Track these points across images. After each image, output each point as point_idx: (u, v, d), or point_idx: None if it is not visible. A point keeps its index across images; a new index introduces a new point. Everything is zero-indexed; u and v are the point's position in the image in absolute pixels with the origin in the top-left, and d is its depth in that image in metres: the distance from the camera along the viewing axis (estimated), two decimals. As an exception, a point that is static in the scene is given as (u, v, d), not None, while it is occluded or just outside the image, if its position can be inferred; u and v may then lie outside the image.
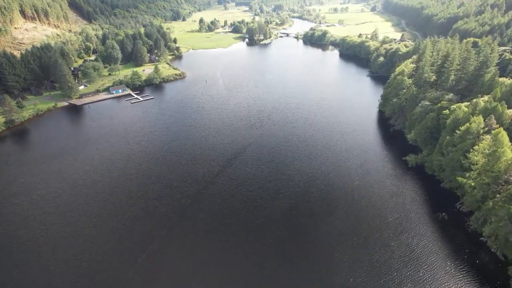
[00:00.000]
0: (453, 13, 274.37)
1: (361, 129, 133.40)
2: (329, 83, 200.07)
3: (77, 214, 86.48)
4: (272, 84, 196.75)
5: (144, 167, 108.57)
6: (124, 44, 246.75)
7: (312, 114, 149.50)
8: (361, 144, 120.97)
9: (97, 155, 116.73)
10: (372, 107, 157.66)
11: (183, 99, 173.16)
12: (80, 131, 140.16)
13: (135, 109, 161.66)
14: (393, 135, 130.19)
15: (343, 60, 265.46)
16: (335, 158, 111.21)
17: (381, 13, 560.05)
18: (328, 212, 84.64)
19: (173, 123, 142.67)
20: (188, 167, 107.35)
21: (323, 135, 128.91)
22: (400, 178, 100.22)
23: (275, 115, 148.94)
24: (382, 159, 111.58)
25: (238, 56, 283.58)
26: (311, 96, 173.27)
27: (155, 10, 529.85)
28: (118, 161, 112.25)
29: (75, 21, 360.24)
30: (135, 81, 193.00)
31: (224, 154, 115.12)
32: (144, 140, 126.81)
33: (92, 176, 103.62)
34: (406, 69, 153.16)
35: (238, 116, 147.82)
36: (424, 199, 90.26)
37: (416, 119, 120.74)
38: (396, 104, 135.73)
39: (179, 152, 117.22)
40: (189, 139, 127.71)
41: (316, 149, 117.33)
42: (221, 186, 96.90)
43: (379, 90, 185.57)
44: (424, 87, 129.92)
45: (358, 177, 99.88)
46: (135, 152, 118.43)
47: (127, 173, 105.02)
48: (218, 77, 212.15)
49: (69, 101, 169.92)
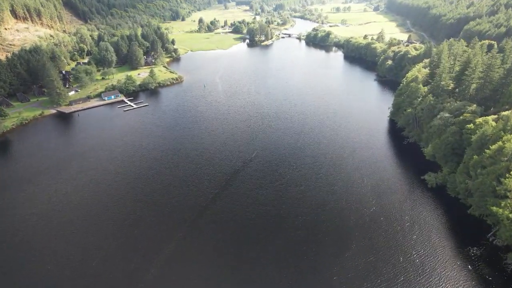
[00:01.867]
0: (463, 13, 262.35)
1: (372, 143, 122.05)
2: (335, 88, 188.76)
3: (56, 244, 75.52)
4: (275, 89, 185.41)
5: (132, 188, 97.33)
6: (119, 46, 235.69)
7: (318, 124, 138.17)
8: (373, 160, 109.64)
9: (81, 173, 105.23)
10: (382, 115, 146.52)
11: (179, 107, 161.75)
12: (66, 144, 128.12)
13: (128, 118, 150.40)
14: (408, 149, 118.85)
15: (347, 63, 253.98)
16: (346, 178, 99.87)
17: (384, 12, 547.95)
18: (342, 247, 73.28)
19: (167, 135, 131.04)
20: (181, 190, 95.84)
21: (332, 149, 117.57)
22: (420, 202, 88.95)
23: (278, 125, 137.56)
24: (398, 178, 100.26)
25: (238, 59, 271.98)
26: (316, 103, 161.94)
27: (154, 9, 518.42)
28: (104, 181, 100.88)
29: (70, 21, 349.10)
30: (129, 87, 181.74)
31: (221, 173, 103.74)
32: (134, 156, 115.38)
33: (73, 200, 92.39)
34: (419, 75, 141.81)
35: (238, 127, 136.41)
36: (450, 228, 79.01)
37: (434, 133, 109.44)
38: (411, 115, 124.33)
39: (172, 172, 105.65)
40: (184, 155, 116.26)
41: (324, 167, 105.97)
42: (216, 216, 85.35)
43: (388, 95, 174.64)
44: (442, 96, 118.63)
45: (373, 201, 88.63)
46: (124, 170, 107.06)
47: (113, 196, 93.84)
48: (217, 82, 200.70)
49: (58, 108, 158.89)
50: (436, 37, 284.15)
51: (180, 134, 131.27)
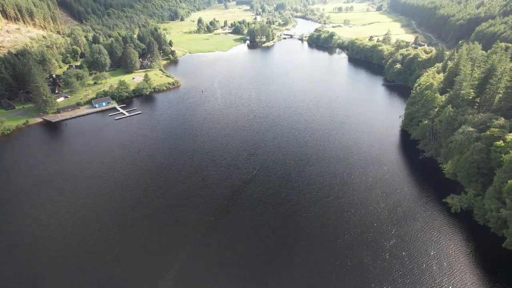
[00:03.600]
0: (473, 14, 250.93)
1: (385, 158, 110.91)
2: (340, 94, 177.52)
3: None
4: (277, 96, 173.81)
5: (117, 215, 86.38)
6: (113, 48, 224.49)
7: (325, 136, 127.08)
8: (388, 180, 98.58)
9: (59, 197, 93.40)
10: (392, 124, 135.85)
11: (175, 115, 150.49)
12: (47, 159, 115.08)
13: (119, 128, 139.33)
14: (424, 165, 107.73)
15: (352, 66, 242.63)
16: (359, 202, 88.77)
17: (388, 12, 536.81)
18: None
19: (160, 148, 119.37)
20: (171, 215, 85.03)
21: (341, 166, 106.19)
22: (445, 231, 77.94)
23: (281, 137, 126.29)
24: (416, 201, 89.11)
25: (239, 61, 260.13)
26: (322, 112, 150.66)
27: (152, 9, 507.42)
28: (84, 207, 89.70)
29: (64, 22, 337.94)
30: (122, 92, 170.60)
31: (217, 196, 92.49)
32: (121, 174, 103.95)
33: (49, 231, 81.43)
34: (435, 82, 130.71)
35: (237, 140, 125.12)
36: (483, 266, 68.01)
37: (455, 148, 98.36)
38: (427, 127, 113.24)
39: (163, 194, 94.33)
40: (176, 172, 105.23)
41: (334, 189, 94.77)
42: (211, 250, 74.75)
43: (398, 102, 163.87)
44: (462, 107, 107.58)
45: (392, 231, 77.64)
46: (109, 191, 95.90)
47: (93, 226, 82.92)
48: (216, 87, 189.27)
49: (44, 116, 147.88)
50: (444, 38, 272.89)
51: (174, 148, 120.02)
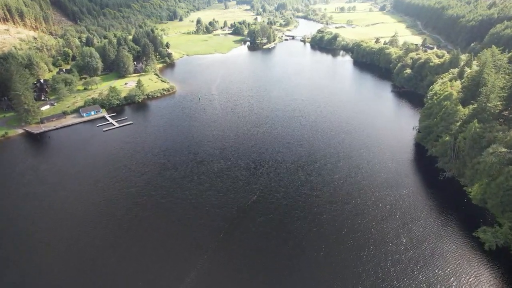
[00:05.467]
0: (485, 14, 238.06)
1: (402, 179, 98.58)
2: (347, 101, 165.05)
3: None
4: (279, 104, 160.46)
5: (94, 252, 74.55)
6: (106, 51, 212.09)
7: (333, 152, 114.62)
8: (408, 206, 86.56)
9: (31, 227, 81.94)
10: (405, 137, 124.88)
11: (168, 127, 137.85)
12: (20, 181, 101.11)
13: (106, 140, 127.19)
14: (446, 187, 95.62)
15: (358, 70, 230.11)
16: (378, 235, 76.69)
17: (391, 13, 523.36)
18: None
19: (149, 167, 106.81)
20: (158, 253, 73.14)
21: (354, 191, 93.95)
22: (482, 277, 65.90)
23: (285, 154, 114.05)
24: (443, 236, 76.97)
25: (238, 65, 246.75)
26: (328, 124, 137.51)
27: (150, 9, 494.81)
28: (55, 242, 78.10)
29: (58, 22, 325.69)
30: (112, 100, 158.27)
31: (210, 228, 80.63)
32: (103, 200, 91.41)
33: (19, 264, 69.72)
34: (454, 92, 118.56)
35: (237, 156, 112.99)
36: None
37: (484, 171, 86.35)
38: (449, 144, 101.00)
39: (151, 224, 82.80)
40: (165, 195, 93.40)
41: (348, 220, 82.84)
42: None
43: (409, 111, 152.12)
44: (489, 122, 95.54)
45: (419, 275, 65.67)
46: (84, 230, 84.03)
47: (67, 272, 71.11)
48: (214, 94, 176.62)
49: (25, 127, 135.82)
50: (454, 40, 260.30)
51: (164, 166, 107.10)
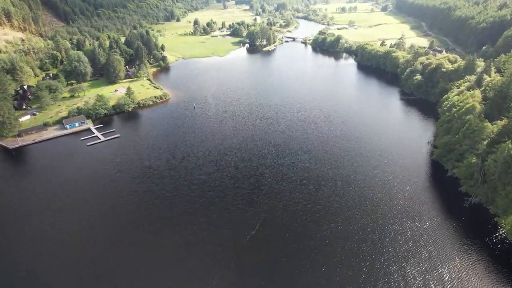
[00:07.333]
0: (496, 16, 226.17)
1: (422, 207, 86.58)
2: (353, 110, 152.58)
3: None
4: (281, 113, 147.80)
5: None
6: (96, 55, 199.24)
7: (343, 173, 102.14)
8: (434, 243, 74.54)
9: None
10: (419, 152, 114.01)
11: (159, 140, 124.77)
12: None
13: (90, 157, 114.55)
14: (473, 215, 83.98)
15: (363, 74, 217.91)
16: (401, 278, 64.54)
17: (394, 13, 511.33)
18: None
19: (136, 189, 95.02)
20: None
21: (370, 221, 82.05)
22: None
23: (290, 174, 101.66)
24: (479, 281, 64.94)
25: (237, 69, 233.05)
26: (334, 139, 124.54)
27: (146, 9, 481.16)
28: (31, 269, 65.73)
29: (49, 23, 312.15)
30: (100, 109, 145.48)
31: (211, 258, 68.57)
32: (84, 224, 79.74)
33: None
34: (477, 105, 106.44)
35: (233, 178, 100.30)
36: None
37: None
38: (475, 166, 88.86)
39: (130, 257, 70.64)
40: (152, 226, 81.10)
41: (366, 259, 70.73)
42: None
43: (420, 121, 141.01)
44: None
45: None
46: (64, 252, 71.87)
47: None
48: (210, 102, 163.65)
49: (1, 141, 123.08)
50: (462, 43, 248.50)
51: (151, 189, 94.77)
